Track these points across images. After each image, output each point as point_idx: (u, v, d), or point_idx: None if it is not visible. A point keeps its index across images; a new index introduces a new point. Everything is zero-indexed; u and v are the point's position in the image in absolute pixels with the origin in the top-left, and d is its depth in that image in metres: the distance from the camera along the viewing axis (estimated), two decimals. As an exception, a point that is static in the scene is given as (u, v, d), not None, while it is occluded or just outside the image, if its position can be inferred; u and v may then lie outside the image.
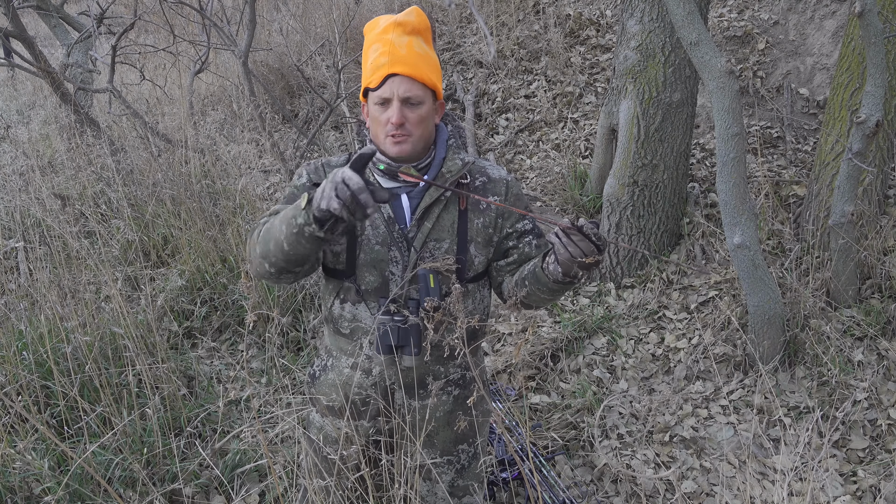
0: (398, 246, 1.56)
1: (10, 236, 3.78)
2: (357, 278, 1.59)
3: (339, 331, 1.68)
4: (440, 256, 1.56)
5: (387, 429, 1.70)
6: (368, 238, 1.57)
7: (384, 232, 1.56)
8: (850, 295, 3.08)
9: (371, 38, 1.53)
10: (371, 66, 1.50)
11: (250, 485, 2.40)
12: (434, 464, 1.71)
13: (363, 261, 1.57)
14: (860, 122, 2.70)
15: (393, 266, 1.57)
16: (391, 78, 1.47)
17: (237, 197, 3.93)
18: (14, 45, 5.00)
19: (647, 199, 3.61)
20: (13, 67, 5.73)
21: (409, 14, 1.52)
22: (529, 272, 1.53)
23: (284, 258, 1.41)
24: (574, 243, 1.32)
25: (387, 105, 1.48)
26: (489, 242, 1.61)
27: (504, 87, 5.37)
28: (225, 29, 4.35)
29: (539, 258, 1.50)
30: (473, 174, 1.62)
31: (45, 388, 2.52)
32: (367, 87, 1.51)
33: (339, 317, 1.66)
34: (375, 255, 1.56)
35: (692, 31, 2.51)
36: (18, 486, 2.16)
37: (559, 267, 1.39)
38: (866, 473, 2.46)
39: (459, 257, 1.57)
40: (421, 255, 1.56)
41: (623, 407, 2.90)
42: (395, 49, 1.48)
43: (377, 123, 1.51)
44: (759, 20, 4.98)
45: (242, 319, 3.37)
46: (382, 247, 1.56)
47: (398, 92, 1.47)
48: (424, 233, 1.56)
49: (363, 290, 1.59)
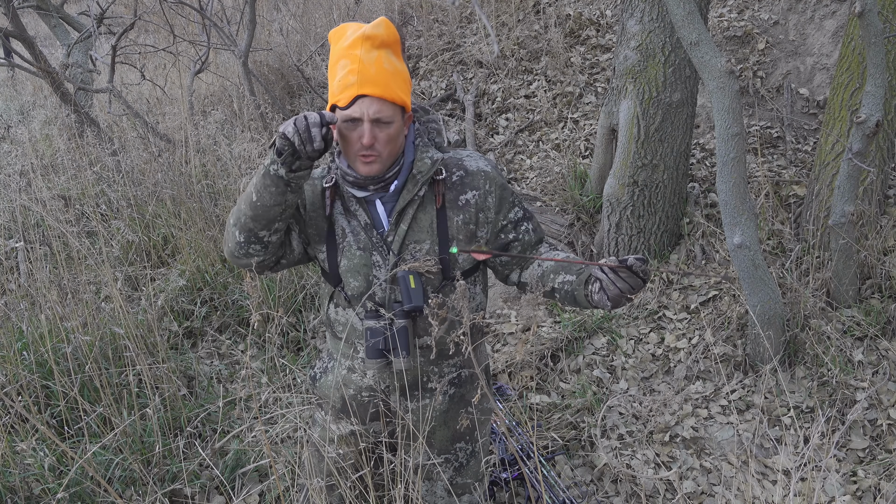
0: (379, 250, 1.57)
1: (10, 236, 3.78)
2: (343, 284, 1.60)
3: (335, 334, 1.70)
4: (421, 258, 1.55)
5: (386, 431, 1.71)
6: (350, 244, 1.58)
7: (364, 237, 1.57)
8: (851, 295, 3.08)
9: (338, 52, 1.49)
10: (339, 83, 1.46)
11: (251, 485, 2.41)
12: (432, 464, 1.72)
13: (346, 267, 1.58)
14: (860, 122, 2.70)
15: (377, 270, 1.57)
16: (361, 99, 1.44)
17: (237, 197, 3.93)
18: (14, 45, 5.00)
19: (647, 199, 3.61)
20: (13, 67, 5.73)
21: (378, 26, 1.48)
22: (567, 292, 1.54)
23: (252, 214, 1.49)
24: (622, 279, 1.38)
25: (356, 124, 1.46)
26: (472, 238, 1.60)
27: (504, 87, 5.37)
28: (225, 29, 4.36)
29: (578, 282, 1.51)
30: (450, 168, 1.60)
31: (46, 388, 2.53)
32: (334, 105, 1.48)
33: (334, 321, 1.67)
34: (358, 260, 1.57)
35: (692, 31, 2.51)
36: (19, 486, 2.16)
37: (607, 300, 1.43)
38: (866, 473, 2.46)
39: (442, 257, 1.57)
40: (402, 257, 1.56)
41: (623, 407, 2.90)
42: (365, 67, 1.44)
43: (346, 142, 1.49)
44: (759, 20, 4.98)
45: (242, 319, 3.38)
46: (364, 252, 1.57)
47: (368, 112, 1.44)
48: (401, 235, 1.56)
49: (350, 295, 1.60)
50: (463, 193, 1.58)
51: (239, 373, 3.05)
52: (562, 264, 1.58)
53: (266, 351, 3.11)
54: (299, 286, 3.43)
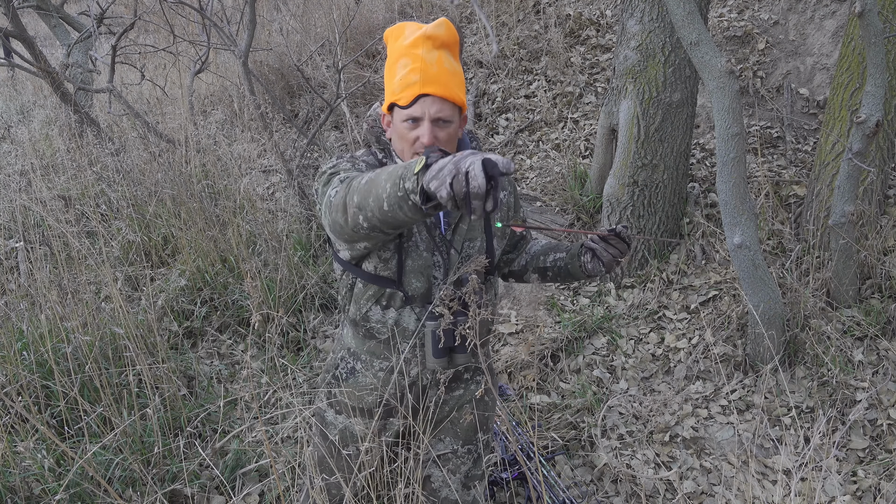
0: (440, 250, 1.59)
1: (10, 236, 3.78)
2: (404, 284, 1.59)
3: (371, 335, 1.67)
4: (474, 255, 1.61)
5: (411, 424, 1.72)
6: (416, 244, 1.58)
7: (427, 237, 1.58)
8: (851, 295, 3.08)
9: (398, 50, 1.50)
10: (400, 82, 1.47)
11: (251, 485, 2.41)
12: (455, 453, 1.77)
13: (411, 267, 1.58)
14: (860, 122, 2.70)
15: (436, 271, 1.59)
16: (423, 98, 1.46)
17: (238, 197, 3.93)
18: (14, 45, 5.00)
19: (647, 199, 3.61)
20: (13, 67, 5.73)
21: (440, 27, 1.49)
22: (560, 268, 1.75)
23: (381, 217, 1.26)
24: (612, 245, 1.62)
25: (417, 123, 1.48)
26: (504, 235, 1.71)
27: (504, 87, 5.37)
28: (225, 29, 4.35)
29: (569, 256, 1.73)
30: None
31: (46, 388, 2.52)
32: (394, 103, 1.49)
33: (376, 321, 1.65)
34: (423, 261, 1.58)
35: (692, 31, 2.51)
36: (19, 486, 2.16)
37: (601, 266, 1.66)
38: (866, 473, 2.46)
39: (488, 254, 1.64)
40: (461, 256, 1.60)
41: (623, 407, 2.90)
42: (427, 66, 1.46)
43: (404, 140, 1.50)
44: (759, 20, 4.98)
45: (242, 319, 3.38)
46: (428, 252, 1.58)
47: (430, 112, 1.46)
48: (462, 235, 1.60)
49: (410, 295, 1.60)
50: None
51: (239, 373, 3.05)
52: (548, 245, 1.81)
53: (266, 351, 3.11)
54: (299, 286, 3.43)
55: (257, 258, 3.55)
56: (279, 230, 3.72)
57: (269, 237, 3.61)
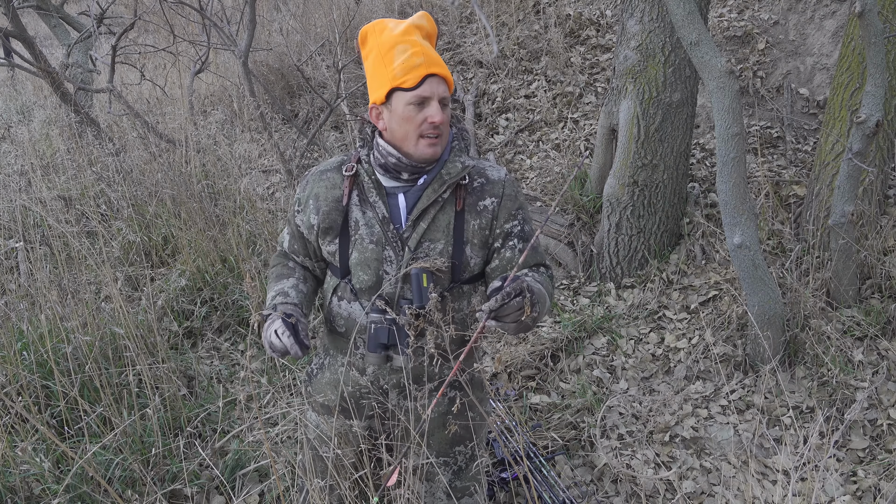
0: (392, 245, 1.56)
1: (10, 236, 3.78)
2: (351, 277, 1.60)
3: (334, 329, 1.69)
4: (434, 257, 1.55)
5: (383, 429, 1.70)
6: (362, 237, 1.57)
7: (379, 231, 1.56)
8: (851, 295, 3.08)
9: (391, 40, 1.50)
10: (403, 65, 1.47)
11: (251, 485, 2.41)
12: (430, 464, 1.70)
13: (357, 260, 1.58)
14: (860, 122, 2.70)
15: (387, 265, 1.57)
16: (430, 78, 1.48)
17: (238, 197, 3.93)
18: (14, 45, 5.00)
19: (647, 199, 3.61)
20: (13, 67, 5.73)
21: (422, 18, 1.54)
22: None
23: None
24: (509, 313, 1.31)
25: (425, 104, 1.48)
26: (485, 244, 1.61)
27: (504, 87, 5.37)
28: (225, 29, 4.36)
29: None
30: (472, 176, 1.62)
31: (46, 388, 2.53)
32: (396, 87, 1.48)
33: (335, 314, 1.66)
34: (370, 254, 1.57)
35: (692, 31, 2.51)
36: (19, 486, 2.16)
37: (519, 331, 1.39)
38: (866, 473, 2.46)
39: (454, 259, 1.57)
40: (415, 255, 1.55)
41: (623, 407, 2.90)
42: (427, 50, 1.49)
43: (410, 123, 1.49)
44: (759, 20, 4.98)
45: (242, 319, 3.38)
46: (377, 246, 1.57)
47: (438, 91, 1.49)
48: (419, 233, 1.55)
49: (357, 288, 1.60)
50: (482, 199, 1.59)
51: (239, 373, 3.05)
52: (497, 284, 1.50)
53: (266, 351, 3.11)
54: (299, 286, 3.43)
55: (257, 258, 3.55)
56: (279, 230, 3.72)
57: (268, 237, 3.61)
